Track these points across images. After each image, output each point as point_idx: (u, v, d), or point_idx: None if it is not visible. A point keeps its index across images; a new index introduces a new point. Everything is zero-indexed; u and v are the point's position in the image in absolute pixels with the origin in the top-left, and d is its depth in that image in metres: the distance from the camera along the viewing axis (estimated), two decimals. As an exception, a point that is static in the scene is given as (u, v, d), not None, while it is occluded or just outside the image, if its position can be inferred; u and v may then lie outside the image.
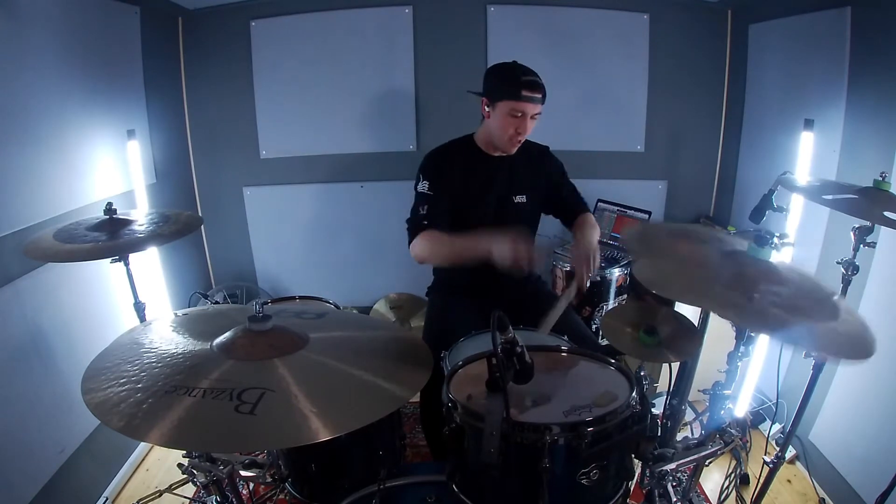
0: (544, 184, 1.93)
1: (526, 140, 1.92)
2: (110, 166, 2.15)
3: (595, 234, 1.87)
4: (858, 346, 0.95)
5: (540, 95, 1.68)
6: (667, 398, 1.42)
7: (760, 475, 1.63)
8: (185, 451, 1.17)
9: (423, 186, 1.78)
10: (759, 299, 0.95)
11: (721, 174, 2.97)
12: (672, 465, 1.13)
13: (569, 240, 2.18)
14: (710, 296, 0.96)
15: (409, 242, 1.78)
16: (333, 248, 3.05)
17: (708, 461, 1.21)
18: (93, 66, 2.05)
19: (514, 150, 1.78)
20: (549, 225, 2.06)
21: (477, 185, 1.82)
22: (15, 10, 1.66)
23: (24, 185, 1.69)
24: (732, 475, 1.64)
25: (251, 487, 1.39)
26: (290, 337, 1.05)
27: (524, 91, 1.66)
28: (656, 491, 1.23)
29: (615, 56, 2.81)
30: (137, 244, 1.53)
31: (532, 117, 1.71)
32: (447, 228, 1.75)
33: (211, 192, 2.96)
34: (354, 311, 2.95)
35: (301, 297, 1.88)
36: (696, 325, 1.36)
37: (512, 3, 2.72)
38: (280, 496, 1.47)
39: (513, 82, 1.68)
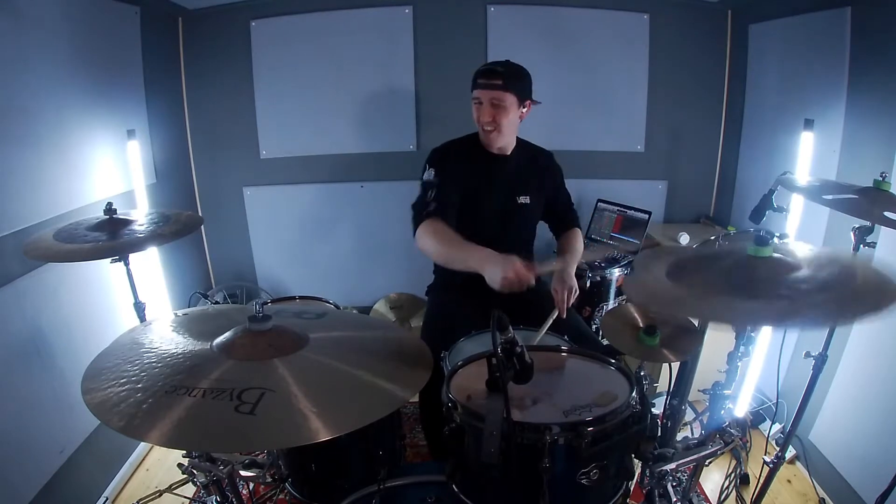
0: (546, 187, 1.93)
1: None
2: (110, 166, 2.15)
3: (575, 263, 1.87)
4: (887, 294, 0.90)
5: (498, 81, 1.68)
6: (667, 398, 1.42)
7: (760, 475, 1.63)
8: (185, 451, 1.17)
9: (430, 174, 1.77)
10: (770, 294, 0.93)
11: (721, 174, 2.97)
12: (672, 465, 1.13)
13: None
14: (733, 312, 0.93)
15: (415, 228, 1.70)
16: (334, 248, 3.05)
17: (708, 461, 1.21)
18: (93, 66, 2.05)
19: (492, 142, 1.79)
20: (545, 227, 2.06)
21: (481, 183, 1.81)
22: (15, 10, 1.66)
23: (24, 185, 1.69)
24: (732, 475, 1.64)
25: (251, 487, 1.39)
26: (290, 337, 1.05)
27: (479, 78, 1.71)
28: (656, 491, 1.23)
29: (615, 56, 2.81)
30: (137, 244, 1.53)
31: (494, 105, 1.70)
32: (454, 220, 1.70)
33: (211, 192, 2.96)
34: (354, 311, 2.95)
35: (301, 297, 1.89)
36: (696, 325, 1.36)
37: (512, 3, 2.73)
38: (280, 496, 1.48)
39: (475, 73, 1.74)
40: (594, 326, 2.44)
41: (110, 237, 1.53)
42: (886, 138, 1.78)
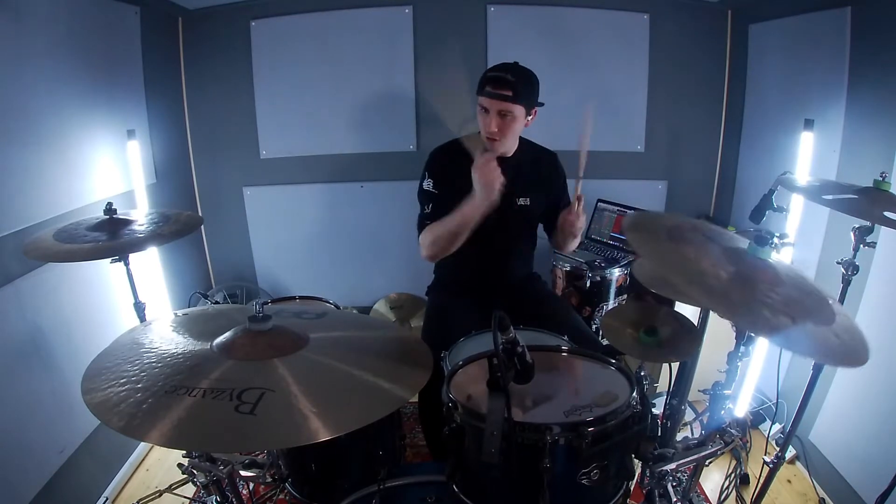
0: (547, 189, 1.91)
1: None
2: (110, 166, 2.15)
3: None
4: (853, 352, 0.93)
5: (508, 93, 1.63)
6: (667, 398, 1.42)
7: (760, 475, 1.63)
8: (185, 451, 1.17)
9: (428, 184, 1.78)
10: (764, 300, 0.94)
11: (721, 174, 2.97)
12: (672, 465, 1.13)
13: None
14: (713, 295, 0.93)
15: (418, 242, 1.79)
16: (333, 248, 3.05)
17: (708, 461, 1.21)
18: (93, 66, 2.05)
19: (495, 149, 1.75)
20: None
21: None
22: (15, 11, 1.66)
23: (24, 185, 1.69)
24: (732, 475, 1.64)
25: (251, 487, 1.39)
26: (290, 337, 1.05)
27: (487, 86, 1.66)
28: (656, 491, 1.23)
29: (615, 56, 2.81)
30: (137, 244, 1.53)
31: (502, 115, 1.67)
32: None
33: (211, 192, 2.96)
34: (354, 311, 2.95)
35: (301, 297, 1.89)
36: (696, 325, 1.36)
37: (512, 3, 2.73)
38: (280, 496, 1.48)
39: (482, 77, 1.69)
40: (594, 326, 2.44)
41: (110, 237, 1.53)
42: (886, 138, 1.78)
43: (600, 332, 2.20)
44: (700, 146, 2.96)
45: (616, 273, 2.51)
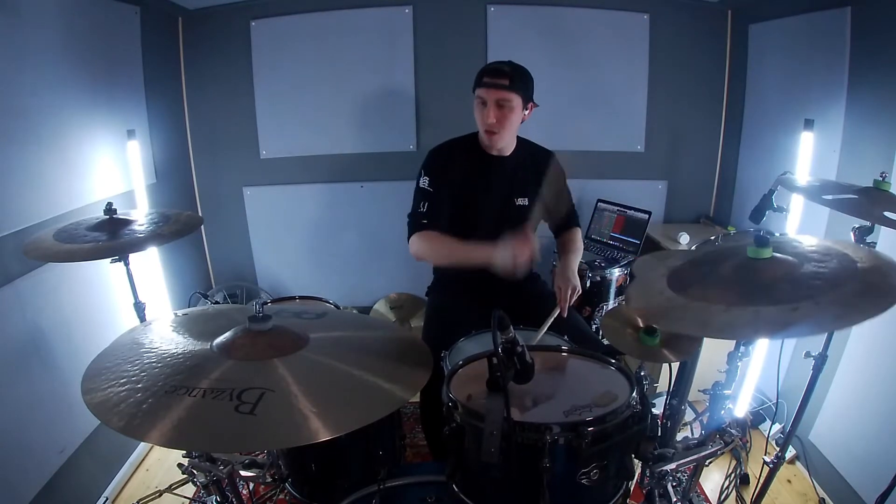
0: (546, 188, 1.92)
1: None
2: (110, 166, 2.15)
3: (577, 261, 1.90)
4: (888, 289, 0.86)
5: (505, 81, 1.65)
6: (667, 398, 1.42)
7: (760, 475, 1.63)
8: (185, 451, 1.17)
9: (425, 182, 1.78)
10: (782, 297, 0.87)
11: (721, 174, 2.98)
12: (672, 465, 1.13)
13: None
14: (729, 328, 0.87)
15: (409, 237, 1.78)
16: (333, 248, 3.05)
17: (708, 461, 1.21)
18: (93, 66, 2.05)
19: (494, 143, 1.76)
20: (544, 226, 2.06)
21: (478, 184, 1.81)
22: (15, 10, 1.66)
23: (24, 185, 1.69)
24: (732, 475, 1.64)
25: (251, 487, 1.39)
26: (290, 337, 1.05)
27: (485, 77, 1.68)
28: (656, 491, 1.22)
29: (615, 56, 2.81)
30: (137, 244, 1.53)
31: (500, 105, 1.68)
32: (446, 228, 1.75)
33: (211, 192, 2.96)
34: (354, 311, 2.95)
35: (301, 297, 1.89)
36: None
37: (512, 3, 2.73)
38: (280, 496, 1.48)
39: (479, 72, 1.71)
40: (594, 326, 2.44)
41: (110, 237, 1.53)
42: (886, 138, 1.78)
43: (600, 332, 2.20)
44: (700, 146, 2.97)
45: (616, 273, 2.51)
